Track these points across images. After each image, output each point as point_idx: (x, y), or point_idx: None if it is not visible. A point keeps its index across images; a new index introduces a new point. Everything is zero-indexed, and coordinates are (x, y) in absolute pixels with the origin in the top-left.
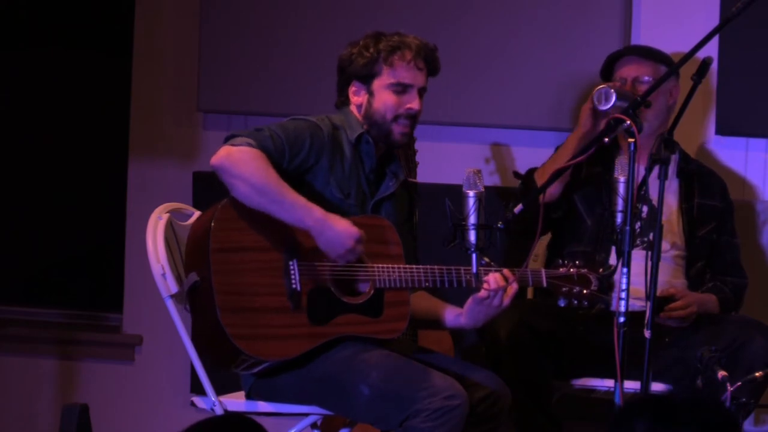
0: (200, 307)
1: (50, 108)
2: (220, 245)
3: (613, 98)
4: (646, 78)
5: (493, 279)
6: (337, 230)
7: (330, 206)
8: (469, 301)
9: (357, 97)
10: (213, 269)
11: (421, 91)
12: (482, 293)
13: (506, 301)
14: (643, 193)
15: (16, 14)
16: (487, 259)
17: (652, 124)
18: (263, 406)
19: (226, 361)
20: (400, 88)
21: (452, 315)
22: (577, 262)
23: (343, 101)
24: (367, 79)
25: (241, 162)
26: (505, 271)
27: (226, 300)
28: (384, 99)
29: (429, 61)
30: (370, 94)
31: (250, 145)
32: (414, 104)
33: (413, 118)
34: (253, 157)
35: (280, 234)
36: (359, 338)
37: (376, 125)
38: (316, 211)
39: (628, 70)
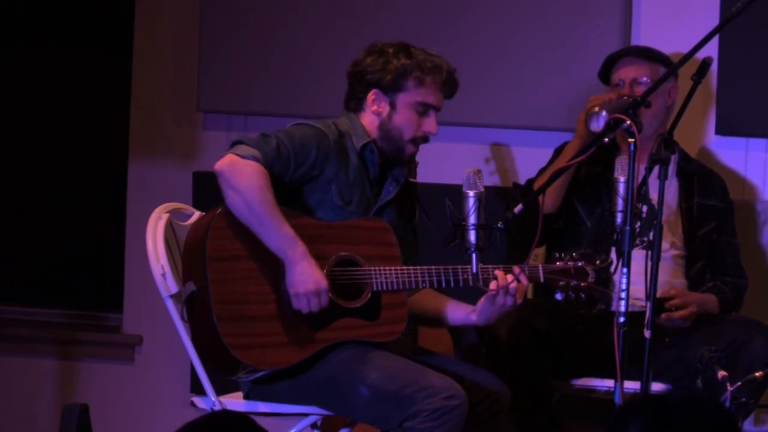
0: (198, 317)
1: (50, 108)
2: (217, 254)
3: (602, 120)
4: (645, 79)
5: (501, 276)
6: (308, 272)
7: (328, 214)
8: (483, 300)
9: (376, 106)
10: (210, 279)
11: (437, 113)
12: (492, 292)
13: (519, 299)
14: (643, 192)
15: (16, 14)
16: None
17: (652, 125)
18: (263, 406)
19: (225, 369)
20: (424, 109)
21: (461, 313)
22: (573, 255)
23: (357, 105)
24: (392, 90)
25: (242, 175)
26: (515, 268)
27: (223, 309)
28: (406, 116)
29: (453, 87)
30: (392, 107)
31: (256, 158)
32: (433, 128)
33: (427, 140)
34: (256, 174)
35: None
36: (358, 342)
37: (391, 141)
38: (300, 247)
39: (626, 72)
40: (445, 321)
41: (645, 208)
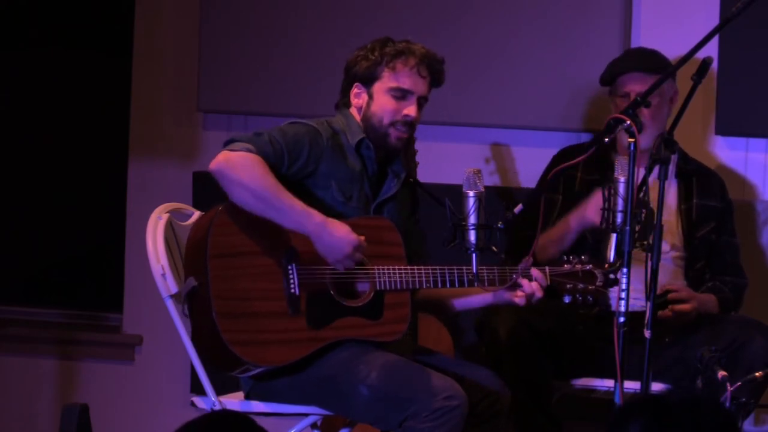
0: (198, 313)
1: (50, 108)
2: (218, 250)
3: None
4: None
5: (527, 285)
6: (336, 236)
7: (331, 211)
8: (505, 296)
9: (357, 99)
10: (211, 275)
11: (421, 100)
12: (519, 300)
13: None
14: (642, 195)
15: (16, 14)
16: (501, 256)
17: (652, 134)
18: (263, 405)
19: (225, 366)
20: (399, 94)
21: (475, 296)
22: (582, 257)
23: (345, 103)
24: (368, 81)
25: (239, 167)
26: (537, 274)
27: (223, 305)
28: (382, 103)
29: (433, 71)
30: (370, 96)
31: (249, 150)
32: (411, 111)
33: (410, 125)
34: (252, 162)
35: (278, 238)
36: (358, 341)
37: (372, 129)
38: (316, 216)
39: (633, 86)
40: (454, 306)
41: (644, 210)
